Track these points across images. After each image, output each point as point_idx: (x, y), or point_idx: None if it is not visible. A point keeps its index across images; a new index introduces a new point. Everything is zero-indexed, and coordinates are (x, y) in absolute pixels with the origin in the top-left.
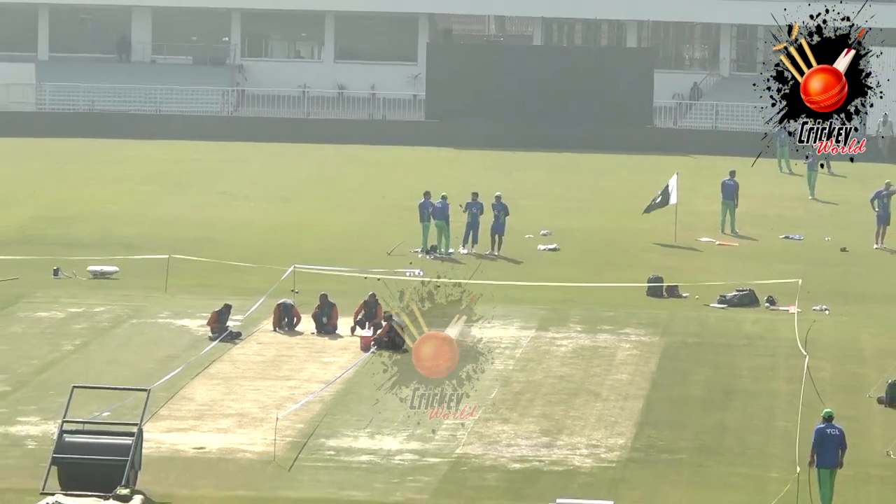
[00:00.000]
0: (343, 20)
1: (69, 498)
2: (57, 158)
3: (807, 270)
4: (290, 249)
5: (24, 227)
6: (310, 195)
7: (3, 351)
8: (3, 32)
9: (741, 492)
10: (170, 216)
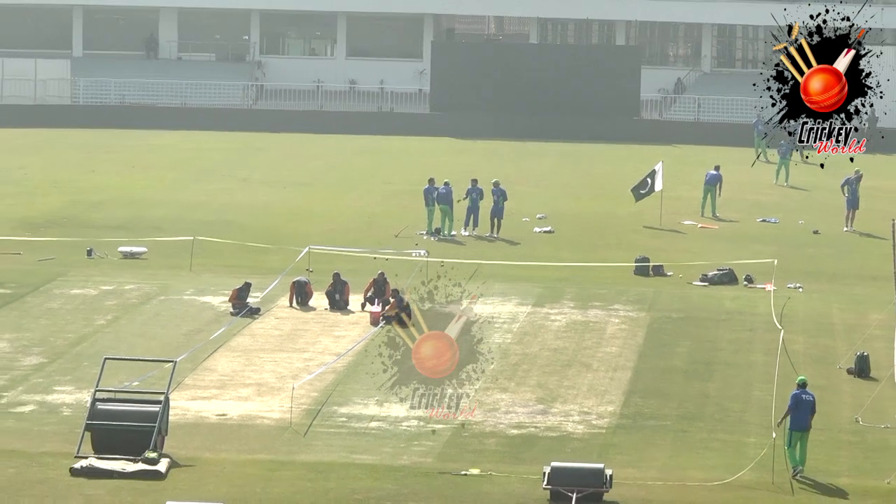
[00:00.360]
0: (354, 20)
1: (101, 461)
2: (90, 148)
3: (782, 251)
4: (305, 231)
5: (60, 211)
6: (323, 182)
7: (40, 325)
8: (41, 31)
9: (721, 455)
10: (194, 201)
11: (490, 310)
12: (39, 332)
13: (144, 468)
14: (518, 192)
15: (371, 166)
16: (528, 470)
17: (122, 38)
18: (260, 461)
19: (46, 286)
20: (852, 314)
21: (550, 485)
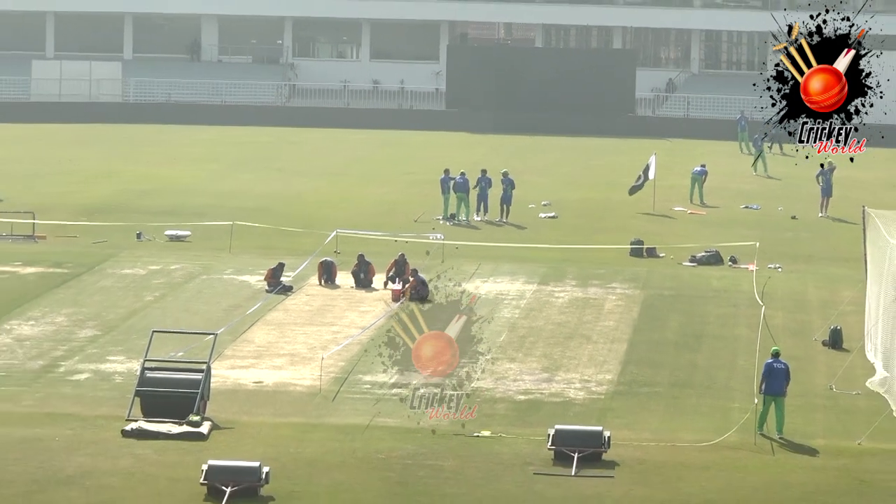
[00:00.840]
0: (377, 26)
1: (149, 424)
2: (139, 142)
3: (763, 235)
4: (333, 217)
5: (112, 198)
6: (349, 172)
7: (94, 301)
8: (95, 37)
9: (709, 419)
10: (233, 189)
11: (500, 287)
12: (93, 308)
13: (188, 430)
14: (524, 181)
15: (392, 158)
16: (534, 432)
17: (168, 43)
18: (292, 424)
19: (100, 266)
20: (826, 292)
21: (554, 445)
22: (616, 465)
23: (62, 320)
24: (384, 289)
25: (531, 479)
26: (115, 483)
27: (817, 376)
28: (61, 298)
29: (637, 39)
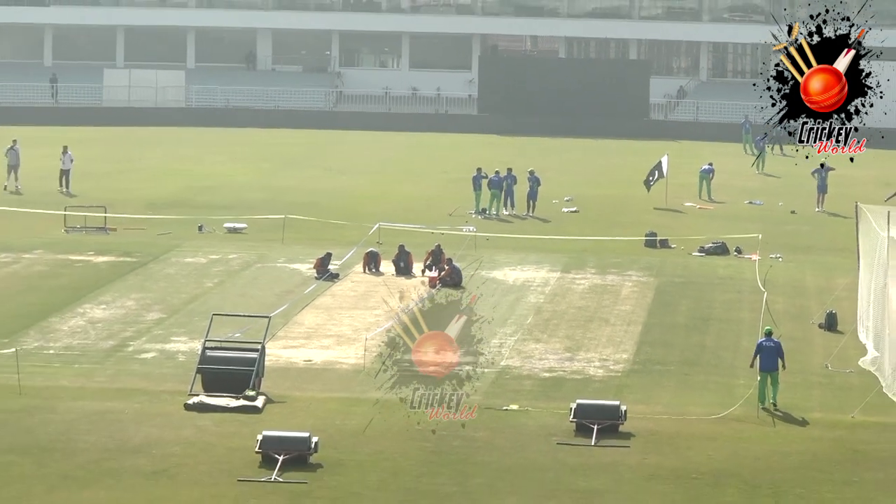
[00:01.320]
0: (416, 38)
1: (210, 398)
2: (200, 143)
3: (765, 228)
4: (375, 211)
5: (175, 194)
6: (390, 170)
7: (160, 287)
8: (160, 48)
9: (715, 394)
10: (285, 186)
11: (527, 275)
12: (159, 293)
13: (245, 404)
14: (548, 179)
15: (429, 158)
16: (557, 406)
17: (226, 54)
18: (339, 398)
19: (165, 255)
20: (822, 279)
21: (576, 418)
22: (631, 436)
23: (131, 304)
24: (422, 276)
25: (555, 448)
26: (178, 451)
27: (814, 356)
28: (130, 284)
29: (651, 51)
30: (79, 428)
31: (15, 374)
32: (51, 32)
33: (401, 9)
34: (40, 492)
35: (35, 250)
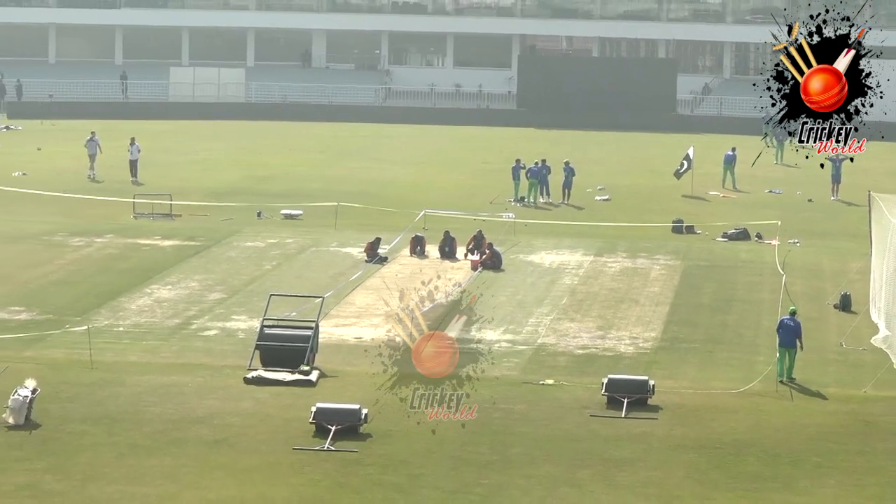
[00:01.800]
0: (460, 38)
1: (267, 372)
2: (259, 136)
3: (784, 215)
4: (421, 199)
5: (236, 183)
6: (436, 161)
7: (222, 269)
8: (222, 47)
9: (737, 370)
10: (338, 175)
11: (562, 259)
12: (221, 275)
13: (300, 378)
14: (582, 169)
15: (472, 150)
16: (590, 381)
17: (283, 52)
18: (387, 372)
19: (226, 240)
20: (837, 263)
21: (607, 392)
22: (659, 408)
23: (195, 285)
24: (465, 259)
25: (588, 420)
26: (238, 422)
27: (829, 334)
28: (194, 266)
29: (678, 50)
30: (146, 400)
31: (87, 350)
32: (121, 33)
33: (445, 11)
34: (110, 459)
35: (106, 235)
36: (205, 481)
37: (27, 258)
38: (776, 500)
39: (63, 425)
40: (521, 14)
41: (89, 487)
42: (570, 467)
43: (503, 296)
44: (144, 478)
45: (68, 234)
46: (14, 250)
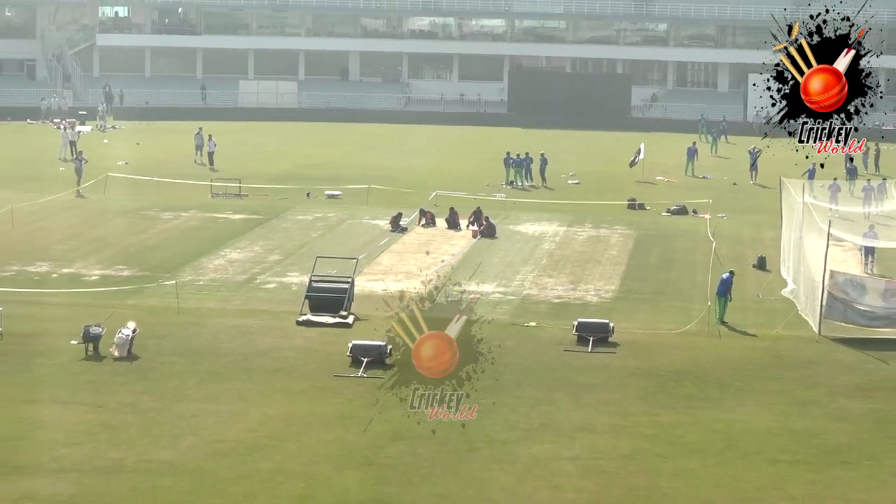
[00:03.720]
0: (463, 59)
1: (314, 316)
2: (307, 133)
3: (714, 195)
4: (433, 182)
5: (290, 170)
6: (444, 153)
7: (278, 237)
8: (280, 65)
9: (677, 315)
10: (368, 164)
11: (542, 228)
12: (278, 241)
13: (339, 321)
14: (558, 159)
15: (472, 143)
16: (563, 323)
17: (327, 68)
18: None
19: (282, 214)
20: (755, 232)
21: (577, 332)
22: (617, 345)
23: (258, 249)
24: (466, 229)
25: (562, 354)
26: (291, 355)
27: (749, 288)
28: (257, 235)
29: (632, 67)
30: (221, 337)
31: (175, 299)
32: (201, 53)
33: (452, 37)
34: (193, 383)
35: (190, 210)
36: (266, 401)
37: (129, 228)
38: (707, 416)
39: (156, 357)
40: (510, 39)
41: (177, 405)
42: (548, 390)
43: (496, 258)
44: (220, 398)
45: (160, 209)
46: (119, 222)
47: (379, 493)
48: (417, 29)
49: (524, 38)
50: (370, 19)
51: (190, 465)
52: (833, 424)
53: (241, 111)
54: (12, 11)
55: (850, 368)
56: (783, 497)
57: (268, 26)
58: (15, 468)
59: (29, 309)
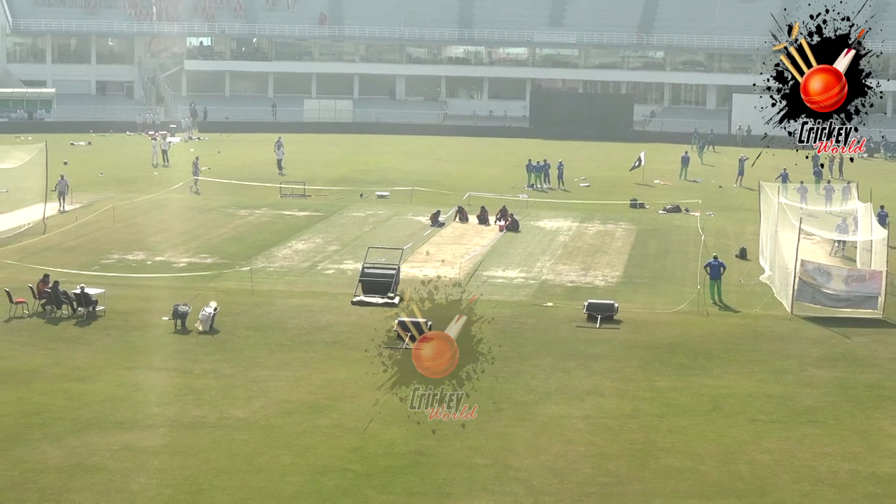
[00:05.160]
0: (492, 81)
1: (367, 297)
2: (361, 144)
3: (703, 196)
4: (466, 185)
5: (346, 174)
6: (476, 160)
7: (336, 231)
8: (338, 86)
9: (672, 297)
10: (412, 170)
11: (558, 224)
12: (336, 234)
13: (387, 301)
14: (571, 166)
15: (499, 152)
16: (577, 304)
17: (377, 89)
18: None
19: (340, 212)
20: (738, 227)
21: (587, 311)
22: (621, 322)
23: (319, 241)
24: (494, 224)
25: (574, 329)
26: (347, 329)
27: (733, 274)
28: (319, 229)
29: (634, 88)
30: (287, 315)
31: (249, 282)
32: (272, 77)
33: (483, 63)
34: (265, 353)
35: (262, 208)
36: (325, 368)
37: (211, 223)
38: (697, 381)
39: (234, 331)
40: (532, 65)
41: (250, 372)
42: (562, 359)
43: (519, 248)
44: (287, 366)
45: (237, 207)
46: (203, 218)
47: (420, 446)
48: (454, 56)
49: (543, 64)
50: (414, 48)
51: (261, 422)
52: (803, 389)
53: (305, 125)
54: (115, 42)
55: (817, 342)
56: (761, 450)
57: (328, 54)
58: (116, 423)
59: (127, 291)
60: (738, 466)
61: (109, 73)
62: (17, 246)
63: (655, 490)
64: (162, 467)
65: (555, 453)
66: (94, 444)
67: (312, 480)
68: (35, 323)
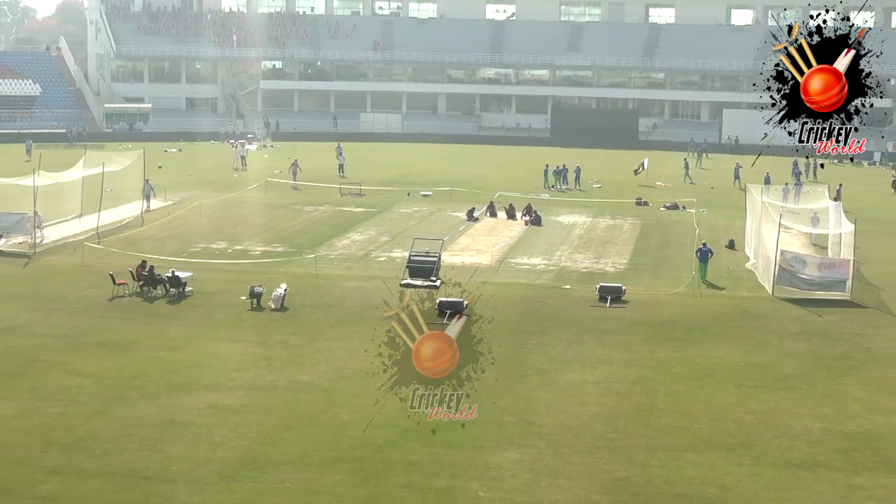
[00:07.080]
0: (519, 98)
1: (413, 280)
2: (408, 151)
3: (698, 195)
4: (496, 185)
5: (396, 177)
6: (505, 165)
7: (387, 224)
8: (389, 102)
9: (671, 281)
10: (451, 173)
11: (574, 219)
12: (387, 227)
13: (430, 284)
14: (585, 170)
15: (524, 158)
16: (590, 287)
17: (422, 105)
18: (478, 282)
19: (390, 208)
20: (727, 222)
21: (599, 293)
22: (627, 302)
23: (373, 233)
24: (520, 219)
25: (588, 308)
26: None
27: (722, 262)
28: (372, 223)
29: (639, 104)
30: (346, 294)
31: (314, 268)
32: (333, 94)
33: (511, 83)
34: (326, 327)
35: (325, 205)
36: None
37: (281, 217)
38: (692, 353)
39: (301, 309)
40: (552, 84)
41: (315, 343)
42: (578, 334)
43: (542, 239)
44: (346, 338)
45: (304, 204)
46: (274, 213)
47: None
48: (487, 77)
49: (563, 84)
50: (453, 70)
51: (324, 385)
52: (782, 360)
53: (362, 135)
54: (201, 65)
55: (794, 320)
56: (746, 411)
57: (380, 75)
58: (202, 386)
59: (211, 274)
60: (727, 424)
61: (197, 91)
62: (119, 236)
63: (656, 444)
64: (240, 423)
65: (571, 413)
66: (183, 403)
67: (366, 434)
68: (134, 301)
